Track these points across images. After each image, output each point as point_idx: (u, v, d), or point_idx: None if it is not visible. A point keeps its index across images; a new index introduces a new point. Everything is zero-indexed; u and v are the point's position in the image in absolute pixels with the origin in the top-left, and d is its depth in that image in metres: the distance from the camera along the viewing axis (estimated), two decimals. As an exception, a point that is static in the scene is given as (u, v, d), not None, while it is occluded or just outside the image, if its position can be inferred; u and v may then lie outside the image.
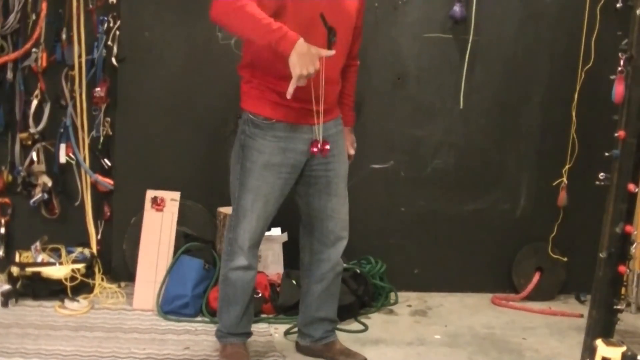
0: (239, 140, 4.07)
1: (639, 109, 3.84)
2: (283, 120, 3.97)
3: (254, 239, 4.10)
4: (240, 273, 4.11)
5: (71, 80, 5.39)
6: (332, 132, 4.15)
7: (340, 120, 4.28)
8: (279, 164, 4.01)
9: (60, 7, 5.32)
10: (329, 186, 4.19)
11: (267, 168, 3.99)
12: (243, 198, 4.03)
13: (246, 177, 4.01)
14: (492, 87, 5.76)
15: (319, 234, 4.27)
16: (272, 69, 3.91)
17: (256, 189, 4.01)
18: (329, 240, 4.26)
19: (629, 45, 3.89)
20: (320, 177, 4.17)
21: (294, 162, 4.05)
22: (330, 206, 4.21)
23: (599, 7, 5.56)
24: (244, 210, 4.03)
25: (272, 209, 4.10)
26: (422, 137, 5.75)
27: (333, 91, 4.11)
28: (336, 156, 4.20)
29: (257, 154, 3.98)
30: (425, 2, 5.60)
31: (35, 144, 5.44)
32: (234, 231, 4.09)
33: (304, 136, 4.03)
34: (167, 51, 5.46)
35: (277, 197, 4.08)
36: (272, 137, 3.97)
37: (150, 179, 5.44)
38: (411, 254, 5.85)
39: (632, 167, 3.88)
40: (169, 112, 5.51)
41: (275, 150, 3.99)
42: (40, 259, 5.24)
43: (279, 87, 3.89)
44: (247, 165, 4.00)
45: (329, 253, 4.28)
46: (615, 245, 3.90)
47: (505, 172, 5.86)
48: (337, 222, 4.26)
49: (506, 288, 5.92)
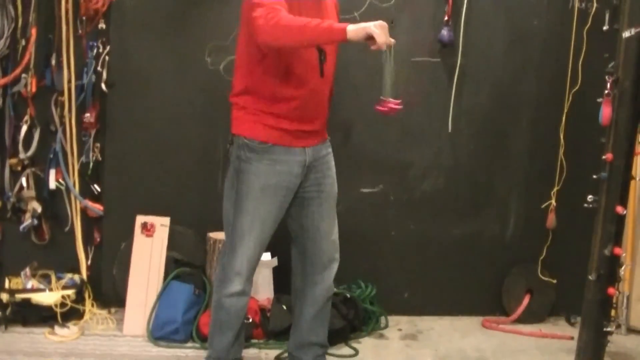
0: (234, 165, 4.08)
1: (626, 131, 3.86)
2: (279, 143, 4.01)
3: (252, 263, 4.10)
4: (234, 299, 4.11)
5: (61, 105, 5.39)
6: (323, 154, 4.21)
7: (329, 143, 4.32)
8: (275, 186, 4.03)
9: (50, 33, 5.32)
10: (321, 207, 4.23)
11: (263, 191, 4.01)
12: (239, 223, 4.03)
13: (242, 202, 4.01)
14: (481, 111, 5.78)
15: (311, 255, 4.28)
16: (268, 92, 3.97)
17: (253, 213, 4.02)
18: (322, 262, 4.28)
19: (616, 68, 3.92)
20: (313, 199, 4.20)
21: (288, 185, 4.07)
22: (323, 227, 4.24)
23: (586, 30, 5.59)
24: (241, 235, 4.03)
25: (268, 233, 4.11)
26: (411, 161, 5.77)
27: (324, 112, 4.18)
28: (327, 177, 4.25)
29: (254, 178, 4.00)
30: (413, 26, 5.62)
31: (25, 169, 5.43)
32: (228, 256, 4.09)
33: (298, 158, 4.06)
34: (156, 76, 5.47)
35: (273, 220, 4.09)
36: (268, 161, 4.00)
37: (140, 205, 5.44)
38: (401, 277, 5.85)
39: (620, 189, 3.89)
40: (158, 137, 5.52)
41: (271, 173, 4.01)
42: (30, 285, 5.23)
43: (275, 109, 3.97)
44: (243, 189, 4.01)
45: (323, 275, 4.29)
46: (604, 267, 3.91)
47: (494, 195, 5.88)
48: (329, 244, 4.29)
49: (496, 310, 5.92)
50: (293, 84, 3.98)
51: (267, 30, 3.68)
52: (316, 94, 4.06)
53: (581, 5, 5.65)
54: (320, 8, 4.11)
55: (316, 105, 4.10)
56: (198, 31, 5.45)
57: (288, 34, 3.67)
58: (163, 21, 5.44)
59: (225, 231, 4.15)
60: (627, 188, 3.97)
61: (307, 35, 3.67)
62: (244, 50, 4.05)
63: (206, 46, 5.46)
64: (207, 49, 5.45)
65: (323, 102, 4.16)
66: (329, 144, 4.33)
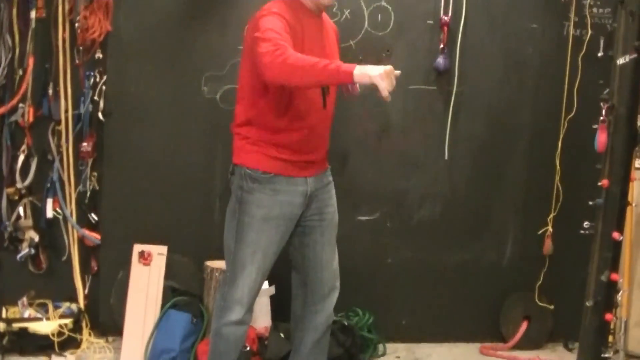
0: (236, 195, 4.07)
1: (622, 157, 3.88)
2: (281, 173, 4.01)
3: (253, 292, 4.07)
4: (232, 328, 4.08)
5: (58, 134, 5.40)
6: (325, 183, 4.23)
7: (330, 172, 4.33)
8: (277, 216, 4.03)
9: (47, 62, 5.33)
10: (322, 236, 4.23)
11: (266, 221, 4.00)
12: (241, 252, 4.02)
13: (245, 232, 4.01)
14: (477, 137, 5.79)
15: (313, 284, 4.27)
16: (271, 124, 3.98)
17: (255, 243, 4.01)
18: (323, 291, 4.27)
19: (610, 95, 3.94)
20: (315, 227, 4.20)
21: (290, 215, 4.07)
22: (324, 256, 4.24)
23: (581, 56, 5.63)
24: (243, 265, 4.02)
25: (270, 262, 4.09)
26: (408, 188, 5.78)
27: (325, 142, 4.21)
28: (329, 206, 4.26)
29: (256, 208, 4.00)
30: (409, 54, 5.65)
31: (22, 198, 5.42)
32: (229, 286, 4.07)
33: (300, 188, 4.07)
34: (153, 105, 5.48)
35: (275, 250, 4.08)
36: (270, 191, 4.00)
37: (137, 233, 5.44)
38: (398, 304, 5.84)
39: (616, 215, 3.90)
40: (155, 166, 5.52)
41: (274, 204, 4.01)
42: (27, 314, 5.22)
43: (277, 140, 3.98)
44: (245, 220, 4.01)
45: (324, 304, 4.29)
46: (601, 293, 3.92)
47: (490, 222, 5.88)
48: (330, 272, 4.29)
49: (494, 337, 5.91)
50: (296, 116, 3.99)
51: (274, 69, 3.66)
52: (318, 125, 4.09)
53: (576, 32, 5.68)
54: (323, 37, 4.14)
55: (318, 136, 4.12)
56: (194, 61, 5.47)
57: (295, 73, 3.65)
58: (159, 51, 5.46)
59: (226, 260, 4.14)
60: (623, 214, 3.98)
61: (314, 76, 3.66)
62: (247, 82, 4.05)
63: (202, 76, 5.47)
64: (203, 78, 5.47)
65: (325, 132, 4.19)
66: (329, 172, 4.34)
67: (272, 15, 3.86)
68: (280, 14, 3.88)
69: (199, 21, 5.44)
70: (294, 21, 3.93)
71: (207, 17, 5.44)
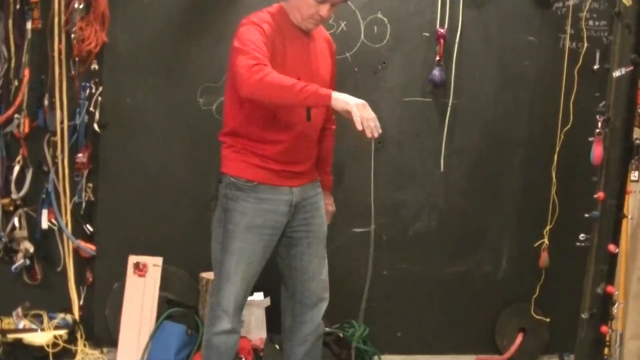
0: (221, 204, 4.08)
1: (618, 170, 3.88)
2: (265, 182, 4.01)
3: (238, 301, 4.07)
4: (223, 337, 4.08)
5: (53, 146, 5.40)
6: (311, 194, 4.22)
7: (319, 183, 4.33)
8: (261, 225, 4.03)
9: (43, 74, 5.34)
10: (310, 247, 4.22)
11: (250, 230, 4.00)
12: (226, 261, 4.03)
13: (229, 240, 4.01)
14: (473, 150, 5.80)
15: (300, 295, 4.26)
16: (255, 135, 3.98)
17: (239, 252, 4.01)
18: (310, 302, 4.26)
19: (606, 108, 3.94)
20: (302, 239, 4.19)
21: (275, 224, 4.07)
22: (311, 268, 4.23)
23: (577, 69, 5.63)
24: (228, 274, 4.02)
25: (255, 271, 4.09)
26: (404, 201, 5.78)
27: (312, 154, 4.18)
28: (316, 217, 4.25)
29: (240, 216, 4.00)
30: (405, 67, 5.66)
31: (17, 209, 5.42)
32: (216, 295, 4.07)
33: (284, 197, 4.07)
34: (148, 117, 5.48)
35: (259, 259, 4.08)
36: (254, 199, 4.00)
37: (133, 245, 5.44)
38: (394, 317, 5.84)
39: (612, 228, 3.90)
40: (151, 177, 5.52)
41: (258, 212, 4.01)
42: (22, 325, 5.21)
43: (261, 150, 3.99)
44: (229, 228, 4.02)
45: (311, 315, 4.28)
46: (597, 305, 3.92)
47: (486, 234, 5.88)
48: (318, 284, 4.27)
49: (490, 349, 5.90)
50: (278, 128, 4.00)
51: (250, 85, 3.69)
52: (303, 137, 4.08)
53: (572, 45, 5.69)
54: (310, 53, 4.13)
55: (303, 148, 4.11)
56: (190, 72, 5.47)
57: (272, 92, 3.67)
58: (155, 62, 5.46)
59: (214, 270, 4.15)
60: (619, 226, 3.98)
61: (291, 97, 3.68)
62: (229, 93, 4.10)
63: (198, 87, 5.48)
64: (199, 89, 5.47)
65: (311, 145, 4.18)
66: (318, 184, 4.35)
67: (252, 25, 3.89)
68: (259, 25, 3.89)
69: (195, 33, 5.45)
70: (275, 34, 3.94)
71: (202, 28, 5.45)
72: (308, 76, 3.94)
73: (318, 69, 4.17)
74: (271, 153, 4.01)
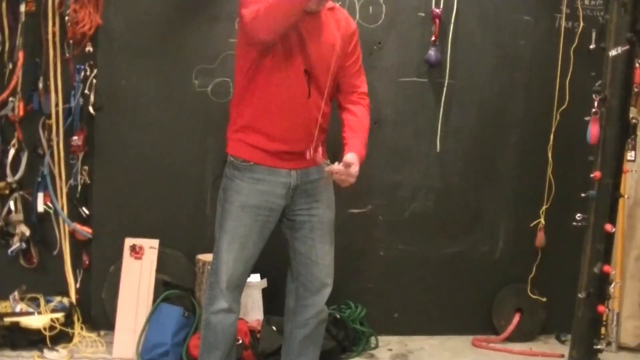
0: (223, 183, 4.10)
1: (614, 149, 3.88)
2: (261, 163, 4.00)
3: (232, 281, 4.04)
4: (220, 316, 4.06)
5: (48, 129, 5.38)
6: (315, 178, 4.17)
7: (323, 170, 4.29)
8: (256, 205, 4.01)
9: (37, 57, 5.31)
10: (313, 232, 4.19)
11: (244, 209, 3.99)
12: (221, 240, 4.03)
13: (224, 219, 4.02)
14: (469, 130, 5.79)
15: (304, 279, 4.25)
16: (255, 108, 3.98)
17: (233, 231, 4.00)
18: (313, 287, 4.24)
19: (603, 87, 3.94)
20: (305, 222, 4.17)
21: (272, 206, 4.04)
22: (314, 252, 4.20)
23: (573, 49, 5.63)
24: (221, 253, 4.02)
25: (250, 252, 4.06)
26: (400, 181, 5.77)
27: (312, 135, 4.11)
28: (320, 202, 4.21)
29: (236, 195, 4.00)
30: (401, 47, 5.64)
31: (13, 193, 5.40)
32: (214, 274, 4.07)
33: (282, 180, 4.04)
34: (144, 99, 5.46)
35: (255, 240, 4.06)
36: (249, 179, 3.99)
37: (129, 227, 5.43)
38: (391, 297, 5.84)
39: (608, 208, 3.91)
40: (146, 160, 5.50)
41: (253, 192, 4.00)
42: (19, 308, 5.20)
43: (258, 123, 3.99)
44: (226, 207, 4.02)
45: (314, 299, 4.25)
46: (593, 285, 3.92)
47: (483, 214, 5.88)
48: (321, 269, 4.24)
49: (486, 330, 5.91)
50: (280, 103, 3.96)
51: (254, 23, 3.73)
52: (303, 116, 4.02)
53: (568, 24, 5.68)
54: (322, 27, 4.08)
55: (302, 127, 4.04)
56: (185, 54, 5.45)
57: (270, 14, 3.69)
58: (150, 44, 5.44)
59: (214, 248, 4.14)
60: (616, 206, 3.99)
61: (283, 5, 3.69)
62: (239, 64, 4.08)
63: (194, 69, 5.45)
64: (194, 71, 5.45)
65: (311, 124, 4.10)
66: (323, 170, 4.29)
67: None
68: None
69: (190, 14, 5.42)
70: None
71: (197, 10, 5.42)
72: (310, 52, 3.97)
73: (330, 47, 4.08)
74: (268, 126, 3.98)
